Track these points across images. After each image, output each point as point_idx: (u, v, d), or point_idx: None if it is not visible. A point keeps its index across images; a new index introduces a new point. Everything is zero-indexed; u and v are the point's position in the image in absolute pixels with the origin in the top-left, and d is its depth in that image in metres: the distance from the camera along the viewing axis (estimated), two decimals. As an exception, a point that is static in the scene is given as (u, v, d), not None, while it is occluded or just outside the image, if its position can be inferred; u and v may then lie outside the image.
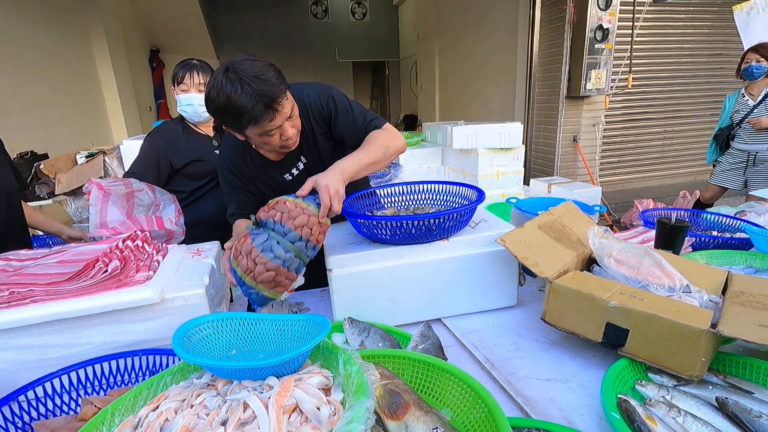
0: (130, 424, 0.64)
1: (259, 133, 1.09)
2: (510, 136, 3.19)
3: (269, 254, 0.88)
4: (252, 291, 0.92)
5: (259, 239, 0.89)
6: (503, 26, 5.49)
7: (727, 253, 1.34)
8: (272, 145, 1.16)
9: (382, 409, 0.66)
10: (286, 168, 1.30)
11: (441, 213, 1.09)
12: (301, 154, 1.30)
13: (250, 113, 1.01)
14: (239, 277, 0.92)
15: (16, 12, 3.70)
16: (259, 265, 0.88)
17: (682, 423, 0.72)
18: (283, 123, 1.10)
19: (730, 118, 3.25)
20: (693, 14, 4.95)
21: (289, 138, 1.14)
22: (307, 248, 0.93)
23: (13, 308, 0.89)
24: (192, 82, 1.72)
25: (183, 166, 1.76)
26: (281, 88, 1.04)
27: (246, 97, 0.99)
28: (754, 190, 3.18)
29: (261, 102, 1.00)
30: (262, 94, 1.00)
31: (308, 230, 0.92)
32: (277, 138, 1.12)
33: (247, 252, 0.89)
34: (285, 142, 1.15)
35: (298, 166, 1.31)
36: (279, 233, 0.90)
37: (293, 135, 1.15)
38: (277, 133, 1.11)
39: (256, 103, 1.00)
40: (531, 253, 1.07)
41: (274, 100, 1.02)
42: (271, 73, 1.03)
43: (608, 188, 5.07)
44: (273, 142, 1.14)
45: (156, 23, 7.35)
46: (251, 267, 0.88)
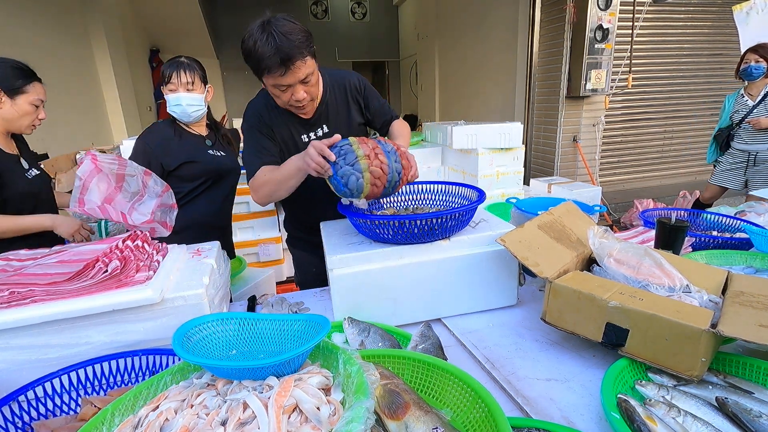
0: (130, 424, 0.64)
1: (272, 84, 1.21)
2: (510, 136, 3.19)
3: (389, 159, 1.07)
4: (353, 174, 1.06)
5: (384, 147, 1.08)
6: (503, 26, 5.49)
7: (727, 253, 1.34)
8: (282, 101, 1.27)
9: (382, 409, 0.66)
10: (307, 129, 1.41)
11: (442, 213, 1.10)
12: (325, 123, 1.41)
13: (266, 62, 1.13)
14: (348, 158, 1.06)
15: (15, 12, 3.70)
16: (378, 158, 1.06)
17: (682, 423, 0.72)
18: (295, 83, 1.20)
19: (730, 118, 3.25)
20: (693, 14, 4.95)
21: (298, 100, 1.25)
22: (398, 183, 1.13)
23: (13, 308, 0.89)
24: (179, 82, 1.65)
25: (175, 168, 1.72)
26: (302, 52, 1.15)
27: (267, 47, 1.11)
28: (754, 190, 3.18)
29: (278, 56, 1.11)
30: (281, 49, 1.11)
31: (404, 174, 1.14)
32: (287, 96, 1.23)
33: (374, 146, 1.07)
34: (294, 103, 1.26)
35: (317, 132, 1.41)
36: (394, 155, 1.10)
37: (303, 99, 1.25)
38: (289, 92, 1.22)
39: (273, 55, 1.11)
40: (531, 253, 1.07)
41: (290, 58, 1.13)
42: (299, 36, 1.14)
43: (608, 188, 5.07)
44: (282, 98, 1.25)
45: (156, 23, 7.35)
46: (371, 156, 1.05)
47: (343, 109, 1.42)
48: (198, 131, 1.78)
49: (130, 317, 0.96)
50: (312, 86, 1.26)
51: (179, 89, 1.66)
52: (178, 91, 1.66)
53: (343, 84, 1.41)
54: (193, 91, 1.69)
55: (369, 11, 10.18)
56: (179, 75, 1.65)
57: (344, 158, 1.08)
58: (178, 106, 1.68)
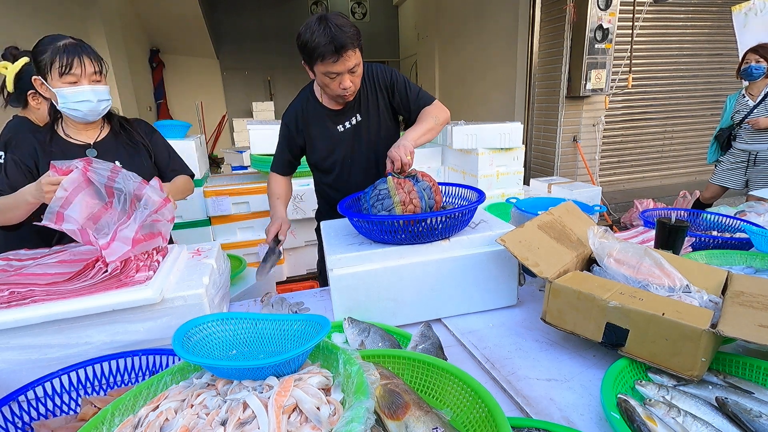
0: (130, 424, 0.64)
1: (324, 72, 1.33)
2: (510, 136, 3.19)
3: (422, 201, 1.17)
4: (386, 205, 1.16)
5: (419, 187, 1.19)
6: (503, 26, 5.49)
7: (727, 253, 1.34)
8: (331, 89, 1.39)
9: (382, 409, 0.66)
10: (342, 120, 1.55)
11: (442, 213, 1.10)
12: (358, 112, 1.55)
13: (321, 50, 1.27)
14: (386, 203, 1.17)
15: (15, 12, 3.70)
16: (412, 203, 1.16)
17: (682, 423, 0.72)
18: (344, 72, 1.33)
19: (731, 118, 3.25)
20: (693, 14, 4.95)
21: (345, 88, 1.38)
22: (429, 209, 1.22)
23: (13, 308, 0.89)
24: (83, 72, 1.25)
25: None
26: (353, 43, 1.29)
27: (323, 37, 1.25)
28: (754, 190, 3.18)
29: (332, 44, 1.25)
30: (335, 38, 1.25)
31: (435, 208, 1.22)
32: (336, 84, 1.37)
33: (410, 190, 1.17)
34: (342, 91, 1.39)
35: (351, 121, 1.55)
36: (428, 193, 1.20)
37: (349, 87, 1.38)
38: (338, 80, 1.35)
39: (328, 44, 1.25)
40: (531, 253, 1.07)
41: (342, 47, 1.27)
42: (351, 31, 1.29)
43: (608, 188, 5.07)
44: (332, 86, 1.38)
45: (156, 23, 7.34)
46: (406, 202, 1.15)
47: (373, 100, 1.55)
48: (80, 138, 1.38)
49: (130, 317, 0.96)
50: (357, 77, 1.40)
51: (83, 81, 1.26)
52: (82, 83, 1.26)
53: (374, 77, 1.54)
54: (100, 82, 1.31)
55: (369, 11, 10.18)
56: (83, 63, 1.25)
57: (381, 203, 1.17)
58: (84, 103, 1.28)
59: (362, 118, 1.55)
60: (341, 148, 1.57)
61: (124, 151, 1.44)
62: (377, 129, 1.57)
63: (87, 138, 1.39)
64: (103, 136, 1.42)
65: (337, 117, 1.54)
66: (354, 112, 1.54)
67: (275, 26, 9.47)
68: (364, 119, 1.55)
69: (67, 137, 1.37)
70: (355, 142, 1.57)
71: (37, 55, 1.25)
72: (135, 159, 1.45)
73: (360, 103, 1.54)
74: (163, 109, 8.20)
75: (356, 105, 1.53)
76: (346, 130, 1.55)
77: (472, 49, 6.47)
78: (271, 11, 9.36)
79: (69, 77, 1.24)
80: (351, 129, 1.55)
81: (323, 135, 1.56)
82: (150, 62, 7.92)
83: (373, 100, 1.55)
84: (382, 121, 1.57)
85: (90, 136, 1.40)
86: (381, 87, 1.55)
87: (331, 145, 1.57)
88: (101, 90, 1.30)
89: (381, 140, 1.58)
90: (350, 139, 1.56)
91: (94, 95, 1.29)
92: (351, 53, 1.30)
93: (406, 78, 1.57)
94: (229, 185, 3.10)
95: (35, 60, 1.26)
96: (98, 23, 5.11)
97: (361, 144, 1.58)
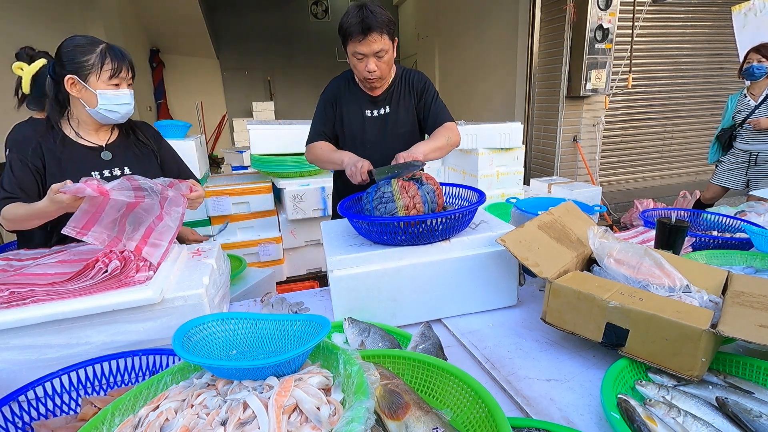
0: (130, 424, 0.64)
1: (352, 52, 1.47)
2: (510, 136, 3.19)
3: (425, 205, 1.19)
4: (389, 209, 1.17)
5: (423, 191, 1.20)
6: (503, 26, 5.49)
7: (727, 253, 1.34)
8: (358, 71, 1.53)
9: (382, 409, 0.66)
10: (373, 107, 1.67)
11: (442, 214, 1.10)
12: (388, 104, 1.67)
13: (351, 28, 1.41)
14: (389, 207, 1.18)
15: (15, 12, 3.70)
16: (416, 207, 1.18)
17: (682, 423, 0.72)
18: (369, 54, 1.45)
19: (733, 118, 3.25)
20: (693, 14, 4.95)
21: (370, 71, 1.49)
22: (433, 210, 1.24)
23: (13, 308, 0.89)
24: (126, 76, 1.34)
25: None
26: (381, 28, 1.41)
27: (355, 18, 1.40)
28: (755, 190, 3.18)
29: (361, 25, 1.39)
30: (365, 20, 1.38)
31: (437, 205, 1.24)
32: (363, 66, 1.49)
33: (414, 195, 1.19)
34: (367, 74, 1.51)
35: (380, 111, 1.67)
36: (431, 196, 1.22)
37: (374, 71, 1.50)
38: (364, 61, 1.48)
39: (358, 24, 1.39)
40: (531, 253, 1.07)
41: (370, 29, 1.39)
42: (384, 17, 1.42)
43: (608, 188, 5.07)
44: (359, 67, 1.51)
45: (156, 23, 7.34)
46: (410, 206, 1.17)
47: (404, 99, 1.67)
48: (92, 139, 1.39)
49: (130, 317, 0.96)
50: (383, 63, 1.50)
51: (123, 85, 1.33)
52: (123, 86, 1.32)
53: (410, 79, 1.67)
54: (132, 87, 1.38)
55: (369, 11, 10.16)
56: (128, 68, 1.33)
57: (385, 206, 1.18)
58: (124, 106, 1.33)
59: (390, 111, 1.67)
60: (368, 132, 1.68)
61: (133, 154, 1.45)
62: (401, 125, 1.68)
63: (99, 140, 1.40)
64: (114, 138, 1.44)
65: (369, 103, 1.66)
66: (385, 104, 1.66)
67: (275, 26, 9.46)
68: (392, 113, 1.67)
69: (78, 139, 1.37)
70: (381, 131, 1.68)
71: (77, 55, 1.26)
72: (144, 162, 1.47)
73: (391, 98, 1.66)
74: (163, 109, 8.20)
75: (387, 98, 1.66)
76: (373, 117, 1.67)
77: (472, 49, 6.47)
78: (271, 11, 9.36)
79: (116, 80, 1.30)
80: (379, 118, 1.67)
81: (354, 113, 1.67)
82: (150, 62, 7.92)
83: (403, 99, 1.67)
84: (407, 119, 1.68)
85: (102, 138, 1.41)
86: (413, 89, 1.67)
87: (359, 126, 1.68)
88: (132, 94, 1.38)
89: (402, 137, 1.67)
90: (377, 127, 1.67)
91: (132, 99, 1.36)
92: (377, 36, 1.41)
93: (436, 92, 1.71)
94: (229, 185, 3.10)
95: (72, 59, 1.26)
96: (98, 23, 5.11)
97: (385, 135, 1.68)
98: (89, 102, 1.30)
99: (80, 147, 1.37)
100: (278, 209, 3.26)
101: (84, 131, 1.38)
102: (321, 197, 3.12)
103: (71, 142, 1.36)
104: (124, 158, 1.42)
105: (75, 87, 1.28)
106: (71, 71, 1.26)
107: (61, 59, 1.27)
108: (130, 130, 1.49)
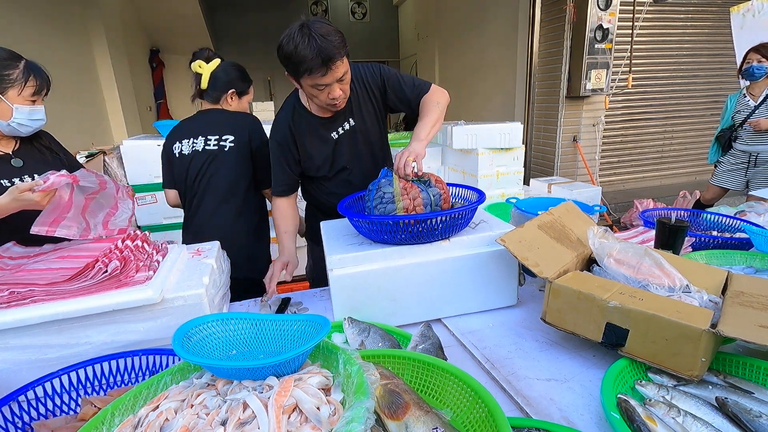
0: (130, 424, 0.64)
1: (311, 85, 1.26)
2: (510, 136, 3.18)
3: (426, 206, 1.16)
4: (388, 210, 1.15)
5: (425, 193, 1.18)
6: (503, 26, 5.49)
7: (727, 253, 1.34)
8: (320, 100, 1.33)
9: (382, 409, 0.66)
10: (334, 126, 1.48)
11: (442, 213, 1.10)
12: (351, 116, 1.48)
13: (308, 64, 1.19)
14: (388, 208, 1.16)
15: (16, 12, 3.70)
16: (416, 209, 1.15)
17: (682, 423, 0.72)
18: (333, 83, 1.26)
19: (732, 118, 3.24)
20: (693, 14, 4.95)
21: (334, 98, 1.31)
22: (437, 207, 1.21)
23: (13, 308, 0.89)
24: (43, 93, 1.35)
25: None
26: (340, 52, 1.21)
27: (309, 50, 1.17)
28: (755, 191, 3.17)
29: (319, 57, 1.17)
30: (322, 50, 1.17)
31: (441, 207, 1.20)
32: (324, 95, 1.30)
33: (414, 197, 1.16)
34: (331, 101, 1.32)
35: (344, 126, 1.48)
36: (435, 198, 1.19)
37: (339, 96, 1.31)
38: (326, 91, 1.28)
39: (315, 57, 1.17)
40: (531, 253, 1.07)
41: (330, 59, 1.19)
42: (336, 38, 1.20)
43: (608, 188, 5.07)
44: (320, 97, 1.31)
45: (156, 23, 7.34)
46: (409, 209, 1.14)
47: (365, 102, 1.49)
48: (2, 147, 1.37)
49: (130, 317, 0.96)
50: (346, 84, 1.33)
51: (39, 100, 1.33)
52: (38, 102, 1.33)
53: (362, 78, 1.46)
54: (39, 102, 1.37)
55: (369, 11, 10.18)
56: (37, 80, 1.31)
57: (385, 207, 1.15)
58: (37, 121, 1.34)
59: (355, 122, 1.48)
60: (339, 154, 1.50)
61: (42, 160, 1.44)
62: (373, 131, 1.52)
63: (5, 148, 1.38)
64: (18, 145, 1.42)
65: (328, 124, 1.47)
66: (346, 117, 1.47)
67: (275, 26, 9.45)
68: (358, 123, 1.49)
69: None
70: (353, 146, 1.51)
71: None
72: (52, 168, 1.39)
73: (351, 107, 1.46)
74: (163, 109, 8.19)
75: (347, 110, 1.46)
76: (340, 136, 1.48)
77: (472, 49, 6.47)
78: (271, 11, 9.36)
79: (35, 96, 1.30)
80: (345, 134, 1.49)
81: (318, 144, 1.48)
82: (150, 62, 7.91)
83: (364, 103, 1.48)
84: (376, 122, 1.52)
85: (6, 146, 1.39)
86: (372, 88, 1.47)
87: (328, 153, 1.50)
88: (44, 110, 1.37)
89: (378, 141, 1.55)
90: (347, 144, 1.50)
91: (44, 115, 1.36)
92: (339, 63, 1.22)
93: (395, 71, 1.49)
94: (229, 185, 3.09)
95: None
96: (98, 23, 5.11)
97: (359, 148, 1.52)
98: (4, 115, 1.28)
99: None
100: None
101: None
102: (321, 197, 3.11)
103: None
104: (34, 165, 1.41)
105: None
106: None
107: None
108: (33, 136, 1.46)
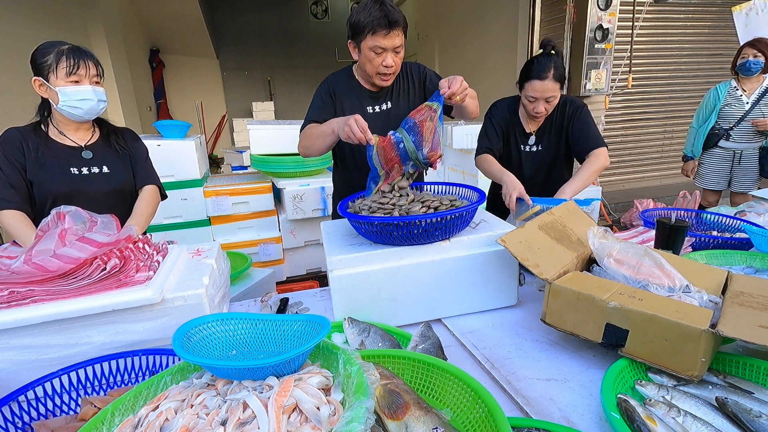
0: (130, 424, 0.64)
1: (371, 46, 1.45)
2: (510, 136, 3.18)
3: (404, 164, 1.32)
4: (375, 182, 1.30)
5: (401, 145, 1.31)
6: (503, 25, 5.49)
7: (727, 253, 1.34)
8: (373, 66, 1.49)
9: (382, 409, 0.66)
10: (375, 101, 1.66)
11: (442, 213, 1.10)
12: (389, 99, 1.66)
13: (374, 22, 1.40)
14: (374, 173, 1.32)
15: (15, 12, 3.70)
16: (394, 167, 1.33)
17: (681, 423, 0.72)
18: (389, 49, 1.45)
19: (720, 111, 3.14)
20: (693, 14, 4.95)
21: (387, 66, 1.49)
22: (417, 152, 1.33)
23: (13, 308, 0.89)
24: (87, 73, 1.38)
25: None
26: (402, 24, 1.43)
27: (378, 12, 1.39)
28: (737, 188, 3.15)
29: (385, 20, 1.39)
30: (388, 15, 1.39)
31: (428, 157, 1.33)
32: (380, 60, 1.47)
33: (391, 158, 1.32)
34: (384, 69, 1.49)
35: (381, 106, 1.66)
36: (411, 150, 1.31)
37: (390, 65, 1.49)
38: (383, 55, 1.46)
39: (382, 18, 1.39)
40: (531, 253, 1.07)
41: (395, 22, 1.40)
42: (402, 15, 1.44)
43: (608, 188, 5.07)
44: (375, 61, 1.48)
45: (156, 23, 7.34)
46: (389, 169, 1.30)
47: (405, 91, 1.67)
48: (73, 138, 1.46)
49: (130, 317, 0.96)
50: (399, 59, 1.50)
51: (84, 81, 1.37)
52: (83, 82, 1.37)
53: (407, 70, 1.66)
54: (99, 84, 1.44)
55: (369, 11, 10.16)
56: (87, 65, 1.38)
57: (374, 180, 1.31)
58: (86, 101, 1.38)
59: (392, 105, 1.66)
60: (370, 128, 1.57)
61: (112, 155, 1.53)
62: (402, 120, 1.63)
63: (79, 140, 1.48)
64: (94, 139, 1.51)
65: (370, 98, 1.64)
66: (386, 99, 1.65)
67: (275, 26, 9.46)
68: (393, 107, 1.66)
69: (58, 138, 1.45)
70: (383, 128, 1.57)
71: (38, 57, 1.34)
72: (120, 165, 1.54)
73: (392, 92, 1.65)
74: (163, 109, 8.20)
75: (389, 93, 1.65)
76: (375, 113, 1.64)
77: (472, 49, 6.47)
78: (271, 11, 9.36)
79: (74, 77, 1.35)
80: (381, 113, 1.65)
81: (355, 107, 1.64)
82: (150, 62, 7.92)
83: (404, 92, 1.67)
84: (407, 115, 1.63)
85: (81, 137, 1.48)
86: (414, 79, 1.67)
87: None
88: (100, 91, 1.42)
89: None
90: (379, 124, 1.60)
91: (95, 95, 1.39)
92: (399, 32, 1.43)
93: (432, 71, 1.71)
94: (229, 185, 3.11)
95: (36, 62, 1.35)
96: (98, 24, 5.11)
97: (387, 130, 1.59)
98: (55, 100, 1.37)
99: (61, 146, 1.44)
100: (278, 209, 3.27)
101: (66, 131, 1.46)
102: (321, 197, 3.12)
103: (53, 141, 1.44)
104: (103, 158, 1.50)
105: (42, 88, 1.37)
106: (36, 74, 1.35)
107: (31, 65, 1.37)
108: (112, 133, 1.56)
